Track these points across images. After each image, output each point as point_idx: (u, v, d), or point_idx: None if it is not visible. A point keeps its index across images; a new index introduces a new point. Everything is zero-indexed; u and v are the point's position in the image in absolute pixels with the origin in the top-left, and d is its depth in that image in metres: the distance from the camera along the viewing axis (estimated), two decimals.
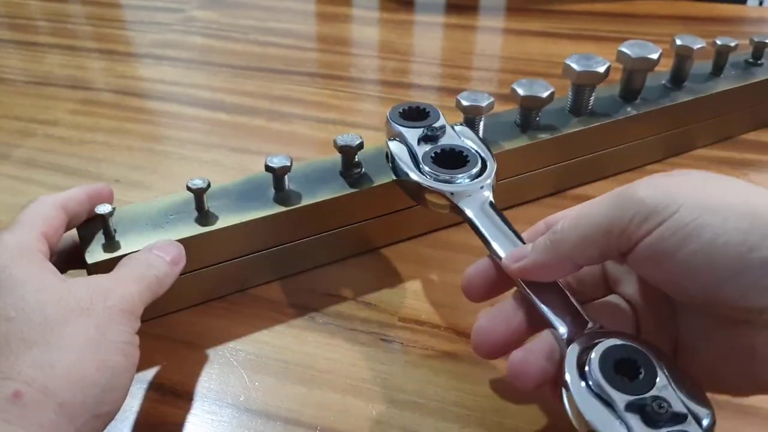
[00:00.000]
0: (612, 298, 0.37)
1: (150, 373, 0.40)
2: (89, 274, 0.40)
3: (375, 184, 0.46)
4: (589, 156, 0.55)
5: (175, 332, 0.43)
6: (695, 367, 0.33)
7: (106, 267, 0.40)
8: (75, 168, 0.56)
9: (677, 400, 0.30)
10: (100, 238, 0.41)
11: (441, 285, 0.46)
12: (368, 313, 0.44)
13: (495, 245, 0.38)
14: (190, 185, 0.42)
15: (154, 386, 0.40)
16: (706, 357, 0.33)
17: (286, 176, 0.44)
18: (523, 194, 0.54)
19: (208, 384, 0.40)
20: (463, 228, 0.40)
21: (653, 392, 0.30)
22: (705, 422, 0.30)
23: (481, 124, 0.50)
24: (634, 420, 0.30)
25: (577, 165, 0.55)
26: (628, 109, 0.55)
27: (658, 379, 0.31)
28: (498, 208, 0.40)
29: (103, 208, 0.40)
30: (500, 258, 0.37)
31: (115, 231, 0.41)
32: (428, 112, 0.47)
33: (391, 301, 0.45)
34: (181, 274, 0.42)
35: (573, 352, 0.32)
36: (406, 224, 0.50)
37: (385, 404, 0.39)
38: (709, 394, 0.31)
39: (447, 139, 0.45)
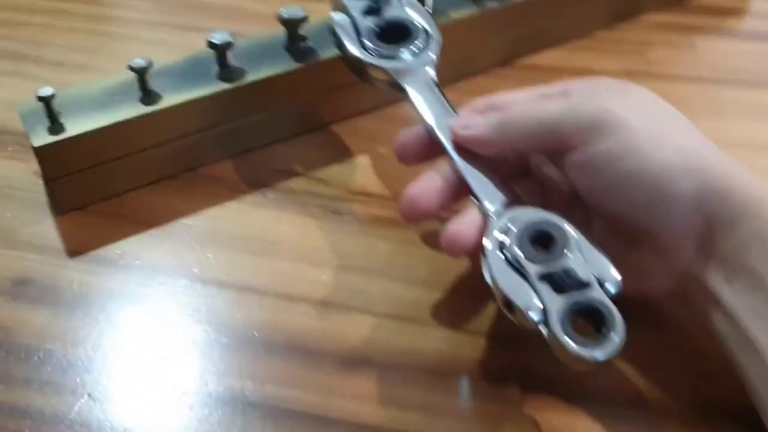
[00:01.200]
0: (529, 178, 0.40)
1: (105, 250, 0.42)
2: (37, 157, 0.41)
3: (321, 58, 0.46)
4: (539, 24, 0.55)
5: (128, 211, 0.44)
6: None
7: (52, 150, 0.40)
8: (13, 51, 0.55)
9: (586, 270, 0.33)
10: (44, 122, 0.41)
11: (390, 158, 0.46)
12: (319, 187, 0.46)
13: (432, 118, 0.39)
14: (132, 65, 0.42)
15: (108, 262, 0.41)
16: None
17: (229, 52, 0.44)
18: (473, 65, 0.54)
19: (162, 258, 0.41)
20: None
21: (563, 262, 0.33)
22: (611, 288, 0.33)
23: None
24: (544, 288, 0.32)
25: (527, 34, 0.55)
26: None
27: (569, 251, 0.33)
28: (447, 80, 0.41)
29: (44, 91, 0.40)
30: (435, 130, 0.39)
31: (58, 114, 0.41)
32: None
33: (341, 176, 0.46)
34: (128, 155, 0.43)
35: (493, 225, 0.35)
36: (356, 99, 0.50)
37: (334, 269, 0.41)
38: None
39: (392, 11, 0.45)
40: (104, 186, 0.44)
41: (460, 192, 0.38)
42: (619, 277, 0.33)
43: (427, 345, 0.38)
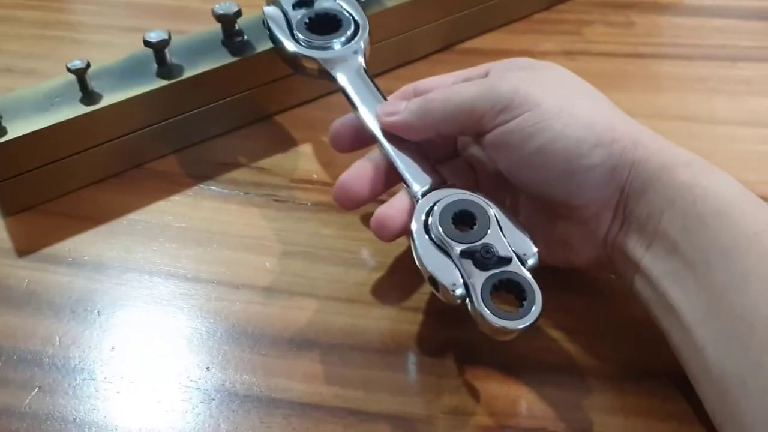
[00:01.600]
0: (459, 160, 0.41)
1: (54, 248, 0.43)
2: None
3: (258, 51, 0.47)
4: (475, 8, 0.56)
5: (76, 209, 0.45)
6: None
7: None
8: None
9: (505, 246, 0.34)
10: None
11: (331, 147, 0.49)
12: (261, 177, 0.47)
13: (361, 106, 0.40)
14: (69, 66, 0.43)
15: (57, 260, 0.42)
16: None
17: (166, 50, 0.45)
18: (412, 51, 0.56)
19: (109, 253, 0.42)
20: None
21: (484, 240, 0.34)
22: (529, 261, 0.34)
23: None
24: (467, 265, 0.34)
25: (464, 18, 0.56)
26: None
27: (489, 229, 0.35)
28: (388, 67, 0.42)
29: None
30: (363, 118, 0.40)
31: (0, 117, 0.42)
32: None
33: (283, 165, 0.48)
34: (72, 154, 0.44)
35: (420, 207, 0.36)
36: (296, 90, 0.51)
37: (277, 256, 0.42)
38: None
39: (323, 3, 0.46)
40: (51, 186, 0.45)
41: (392, 177, 0.39)
42: (536, 251, 0.35)
43: (369, 324, 0.39)
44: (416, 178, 0.38)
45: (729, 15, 0.60)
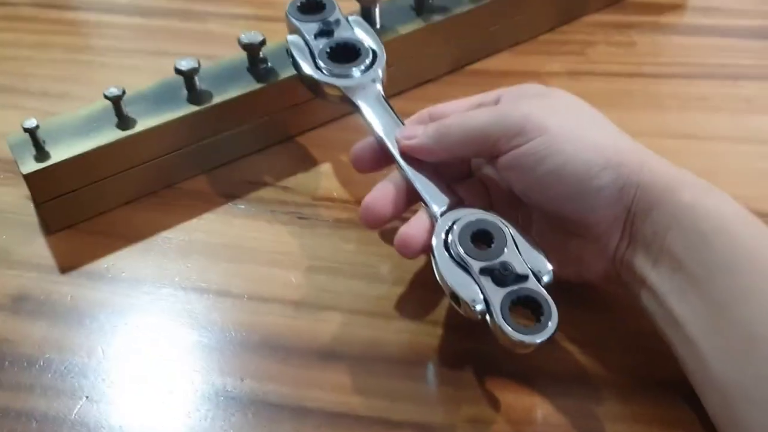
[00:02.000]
0: (473, 180, 0.44)
1: (94, 265, 0.45)
2: (27, 183, 0.44)
3: (281, 78, 0.50)
4: (483, 32, 0.59)
5: (112, 228, 0.47)
6: None
7: (40, 176, 0.44)
8: (2, 85, 0.59)
9: (522, 264, 0.37)
10: (31, 150, 0.45)
11: (350, 166, 0.51)
12: (286, 195, 0.50)
13: (381, 130, 0.43)
14: (107, 94, 0.46)
15: (97, 276, 0.45)
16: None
17: (195, 77, 0.48)
18: (424, 74, 0.58)
19: (146, 269, 0.45)
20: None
21: (502, 258, 0.37)
22: (545, 278, 0.37)
23: (377, 11, 0.54)
24: (486, 282, 0.36)
25: (473, 42, 0.59)
26: None
27: (506, 247, 0.37)
28: (401, 88, 0.44)
29: (29, 123, 0.44)
30: (384, 141, 0.43)
31: (44, 142, 0.45)
32: (324, 4, 0.50)
33: (306, 184, 0.50)
34: (109, 176, 0.46)
35: (440, 226, 0.39)
36: (316, 112, 0.54)
37: (303, 271, 0.45)
38: None
39: (342, 32, 0.49)
40: (90, 206, 0.47)
41: (411, 197, 0.42)
42: (551, 268, 0.37)
43: (390, 337, 0.42)
44: (434, 199, 0.40)
45: (729, 34, 0.63)
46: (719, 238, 0.34)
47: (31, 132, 0.44)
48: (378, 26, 0.53)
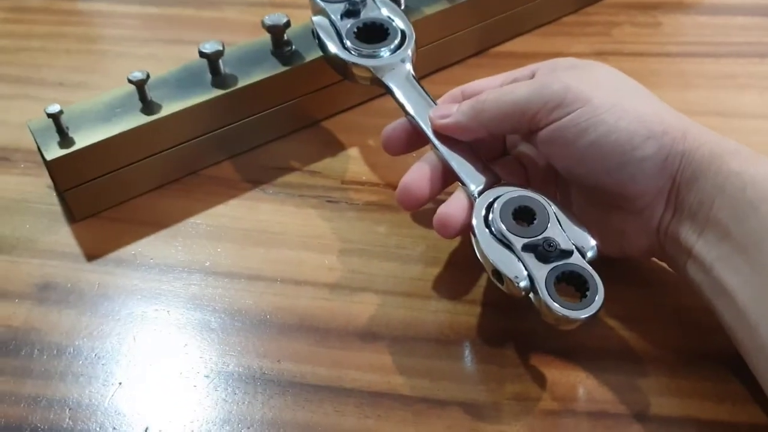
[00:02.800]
0: (509, 158, 0.43)
1: (121, 252, 0.44)
2: (51, 170, 0.44)
3: (306, 61, 0.49)
4: (508, 13, 0.58)
5: (138, 215, 0.47)
6: None
7: (64, 162, 0.43)
8: (17, 76, 0.58)
9: (565, 239, 0.36)
10: (54, 137, 0.44)
11: (378, 149, 0.49)
12: (314, 180, 0.49)
13: (414, 111, 0.42)
14: (130, 78, 0.45)
15: (125, 263, 0.44)
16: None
17: (220, 60, 0.47)
18: (449, 56, 0.57)
19: (175, 255, 0.44)
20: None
21: (545, 234, 0.36)
22: (589, 254, 0.36)
23: None
24: (529, 258, 0.36)
25: (497, 23, 0.58)
26: None
27: (549, 223, 0.37)
28: (426, 71, 0.44)
29: (52, 108, 0.43)
30: (418, 122, 0.42)
31: (67, 128, 0.44)
32: None
33: (334, 168, 0.50)
34: (134, 162, 0.46)
35: (479, 204, 0.38)
36: (342, 96, 0.53)
37: (335, 254, 0.44)
38: None
39: (368, 12, 0.48)
40: (114, 193, 0.46)
41: (448, 177, 0.41)
42: (595, 243, 0.36)
43: (428, 317, 0.41)
44: (472, 178, 0.39)
45: (752, 13, 0.62)
46: (767, 205, 0.33)
47: (55, 117, 0.43)
48: (403, 7, 0.52)
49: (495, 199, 0.38)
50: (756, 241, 0.33)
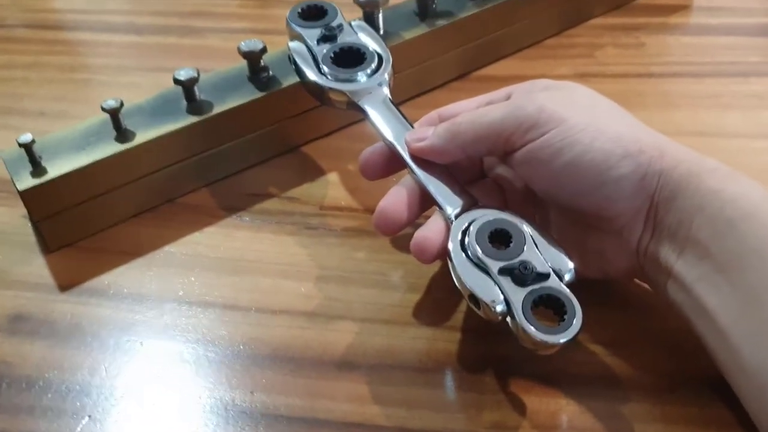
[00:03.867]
0: (486, 181, 0.43)
1: (94, 282, 0.44)
2: (23, 200, 0.43)
3: (283, 86, 0.49)
4: (489, 36, 0.58)
5: (113, 244, 0.46)
6: None
7: (37, 192, 0.43)
8: None
9: (542, 262, 0.35)
10: (27, 166, 0.43)
11: (357, 174, 0.49)
12: (292, 206, 0.48)
13: (391, 134, 0.42)
14: (104, 106, 0.45)
15: (98, 293, 0.43)
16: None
17: (195, 87, 0.47)
18: (429, 81, 0.57)
19: (148, 285, 0.43)
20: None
21: (521, 257, 0.35)
22: (566, 276, 0.35)
23: (380, 17, 0.53)
24: (506, 282, 0.35)
25: (478, 47, 0.58)
26: None
27: (525, 246, 0.36)
28: (407, 96, 0.43)
29: (24, 138, 0.42)
30: (395, 145, 0.41)
31: (40, 158, 0.44)
32: (326, 10, 0.49)
33: (312, 193, 0.49)
34: (109, 191, 0.45)
35: (456, 228, 0.37)
36: (321, 121, 0.53)
37: (312, 281, 0.43)
38: None
39: (345, 37, 0.48)
40: (89, 222, 0.46)
41: (425, 201, 0.40)
42: (573, 266, 0.36)
43: (406, 344, 0.40)
44: (448, 201, 0.39)
45: (736, 33, 0.62)
46: (747, 223, 0.33)
47: (27, 147, 0.43)
48: (381, 32, 0.52)
49: (471, 223, 0.37)
50: (736, 259, 0.33)
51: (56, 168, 0.43)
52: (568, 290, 0.35)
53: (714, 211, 0.33)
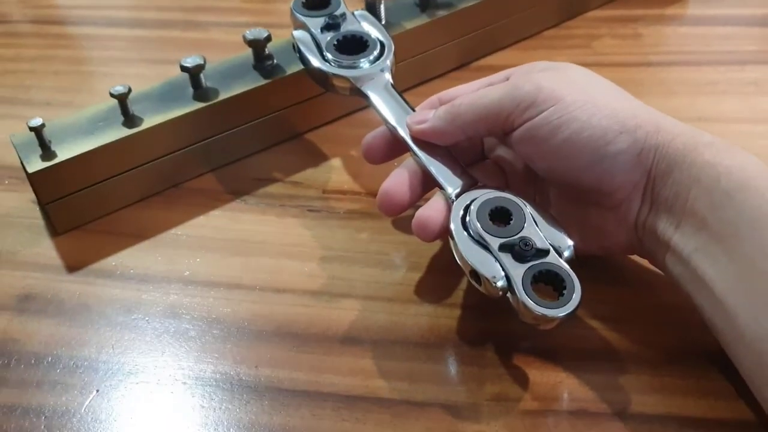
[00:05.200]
0: (487, 162, 0.44)
1: (101, 264, 0.44)
2: (33, 183, 0.44)
3: (288, 74, 0.50)
4: (488, 27, 0.59)
5: (119, 227, 0.47)
6: None
7: (46, 175, 0.43)
8: (4, 97, 0.58)
9: (541, 239, 0.36)
10: (36, 150, 0.44)
11: (360, 159, 0.49)
12: (295, 190, 0.49)
13: (393, 118, 0.42)
14: (112, 92, 0.45)
15: (105, 274, 0.44)
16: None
17: (201, 74, 0.48)
18: (430, 70, 0.58)
19: (155, 265, 0.44)
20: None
21: (521, 234, 0.36)
22: (565, 254, 0.36)
23: (382, 7, 0.53)
24: (506, 258, 0.36)
25: (477, 37, 0.59)
26: None
27: (525, 223, 0.37)
28: (408, 85, 0.44)
29: (34, 122, 0.43)
30: (396, 128, 0.42)
31: (50, 142, 0.44)
32: (329, 0, 0.50)
33: (316, 178, 0.50)
34: (116, 175, 0.46)
35: (457, 206, 0.38)
36: (324, 109, 0.53)
37: (316, 261, 0.44)
38: None
39: (348, 26, 0.48)
40: (96, 205, 0.47)
41: (427, 182, 0.41)
42: (572, 243, 0.36)
43: (408, 320, 0.40)
44: (449, 181, 0.40)
45: (733, 23, 0.63)
46: (743, 194, 0.33)
47: (37, 131, 0.44)
48: (383, 22, 0.53)
49: (472, 201, 0.38)
50: (732, 230, 0.33)
51: (65, 151, 0.44)
52: (567, 266, 0.35)
53: (710, 183, 0.34)
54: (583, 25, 0.64)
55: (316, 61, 0.47)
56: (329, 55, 0.47)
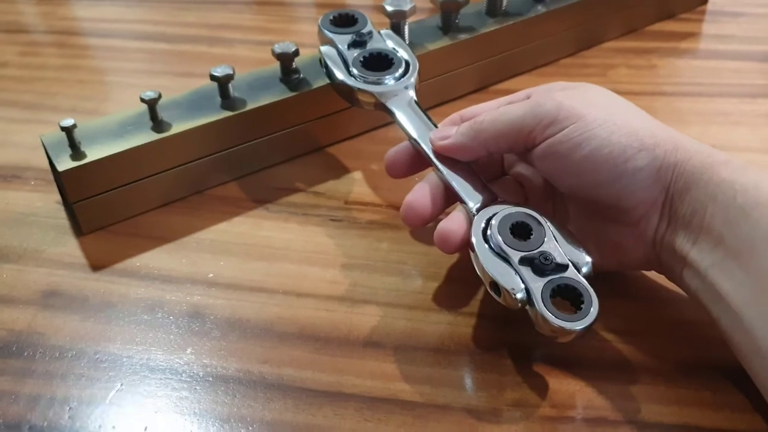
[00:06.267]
0: (507, 178, 0.45)
1: (126, 264, 0.45)
2: (63, 181, 0.45)
3: (313, 87, 0.51)
4: (507, 53, 0.61)
5: (144, 230, 0.47)
6: None
7: (76, 174, 0.44)
8: (31, 102, 0.60)
9: (561, 254, 0.37)
10: (66, 150, 0.45)
11: (381, 173, 0.51)
12: (317, 200, 0.50)
13: (416, 133, 0.44)
14: (143, 97, 0.46)
15: (130, 274, 0.44)
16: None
17: (230, 84, 0.49)
18: (450, 92, 0.59)
19: (179, 267, 0.45)
20: (397, 125, 0.46)
21: (541, 248, 0.37)
22: (584, 269, 0.37)
23: (406, 28, 0.55)
24: (526, 271, 0.37)
25: (497, 62, 0.60)
26: (539, 7, 0.61)
27: (545, 238, 0.38)
28: (428, 105, 0.46)
29: (66, 122, 0.44)
30: (419, 143, 0.43)
31: (79, 143, 0.45)
32: (356, 18, 0.52)
33: (337, 189, 0.51)
34: (143, 178, 0.47)
35: (478, 220, 0.39)
36: (347, 123, 0.55)
37: (337, 268, 0.44)
38: None
39: (374, 44, 0.50)
40: (122, 207, 0.47)
41: (449, 197, 0.42)
42: (590, 260, 0.37)
43: (429, 328, 0.41)
44: (471, 196, 0.41)
45: (744, 58, 0.64)
46: (759, 211, 0.34)
47: (68, 131, 0.44)
48: (407, 42, 0.55)
49: (493, 216, 0.39)
50: (748, 245, 0.34)
51: (95, 152, 0.45)
52: (585, 281, 0.36)
53: (726, 200, 0.35)
54: (599, 54, 0.65)
55: (342, 76, 0.48)
56: (355, 71, 0.48)
